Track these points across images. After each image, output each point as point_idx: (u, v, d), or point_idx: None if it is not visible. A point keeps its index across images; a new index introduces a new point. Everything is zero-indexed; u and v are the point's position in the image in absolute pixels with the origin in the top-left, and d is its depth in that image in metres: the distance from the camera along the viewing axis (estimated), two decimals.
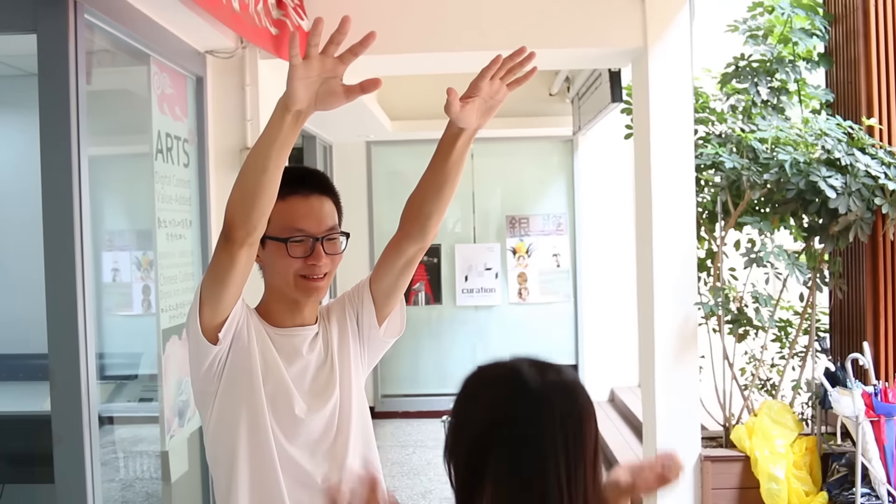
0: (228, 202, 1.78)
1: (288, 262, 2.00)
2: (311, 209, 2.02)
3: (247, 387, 1.98)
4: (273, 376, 2.01)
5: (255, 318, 2.05)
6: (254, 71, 4.65)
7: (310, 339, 2.10)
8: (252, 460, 1.98)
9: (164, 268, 3.92)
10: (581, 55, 5.29)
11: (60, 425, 3.07)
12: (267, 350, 2.02)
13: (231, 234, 1.78)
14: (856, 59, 4.97)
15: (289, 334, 2.07)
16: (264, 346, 2.02)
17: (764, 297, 4.89)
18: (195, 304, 1.90)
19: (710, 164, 4.92)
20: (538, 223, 9.31)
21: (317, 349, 2.11)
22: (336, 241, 2.06)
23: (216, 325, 1.92)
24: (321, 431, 2.05)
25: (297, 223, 2.00)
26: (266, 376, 2.00)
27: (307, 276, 2.01)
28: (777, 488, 4.67)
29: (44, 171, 3.08)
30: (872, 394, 4.51)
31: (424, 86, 8.82)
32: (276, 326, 2.07)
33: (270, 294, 2.10)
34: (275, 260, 2.01)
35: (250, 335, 2.00)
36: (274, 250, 2.01)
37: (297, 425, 2.02)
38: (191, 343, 1.96)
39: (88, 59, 3.27)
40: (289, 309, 2.08)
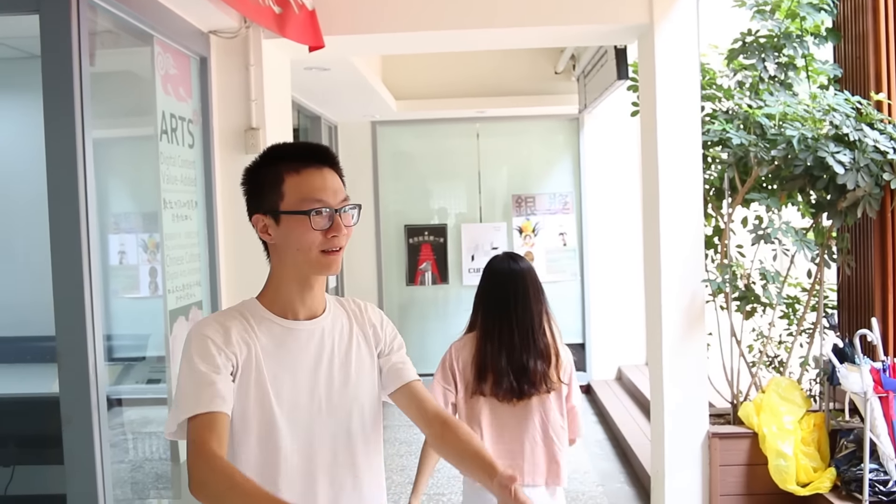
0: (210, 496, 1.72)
1: (311, 237, 1.93)
2: (326, 181, 1.95)
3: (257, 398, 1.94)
4: (284, 386, 1.97)
5: (256, 328, 1.98)
6: (258, 51, 4.63)
7: (318, 333, 2.04)
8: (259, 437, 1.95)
9: (171, 249, 3.92)
10: (587, 32, 5.25)
11: (69, 407, 3.08)
12: (272, 360, 1.96)
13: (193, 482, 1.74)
14: (864, 33, 4.93)
15: (297, 328, 2.01)
16: (269, 359, 1.96)
17: (772, 273, 4.88)
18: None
19: (717, 141, 4.89)
20: (544, 202, 9.29)
21: (327, 344, 2.05)
22: (349, 214, 1.99)
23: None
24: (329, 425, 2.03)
25: (316, 194, 1.93)
26: (277, 388, 1.96)
27: (326, 251, 1.95)
28: (785, 464, 4.67)
29: (48, 154, 3.07)
30: (881, 370, 4.51)
31: (430, 65, 8.83)
32: (285, 318, 2.01)
33: (282, 278, 2.02)
34: (295, 235, 1.94)
35: (251, 366, 1.94)
36: (294, 225, 1.93)
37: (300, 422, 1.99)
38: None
39: (91, 40, 3.26)
40: (300, 293, 2.01)
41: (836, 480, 4.62)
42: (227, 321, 1.96)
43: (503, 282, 3.20)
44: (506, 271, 3.22)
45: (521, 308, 3.15)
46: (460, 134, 9.42)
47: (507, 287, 3.19)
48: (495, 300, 3.20)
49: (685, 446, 4.95)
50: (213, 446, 1.76)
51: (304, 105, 7.72)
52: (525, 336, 3.14)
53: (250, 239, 2.04)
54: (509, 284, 3.19)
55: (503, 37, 5.24)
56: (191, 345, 1.91)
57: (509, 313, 3.15)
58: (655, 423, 5.19)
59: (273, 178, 1.96)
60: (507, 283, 3.19)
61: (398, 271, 9.44)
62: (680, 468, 4.96)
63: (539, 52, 8.89)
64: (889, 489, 4.40)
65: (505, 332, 3.14)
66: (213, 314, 2.03)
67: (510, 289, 3.18)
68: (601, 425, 7.86)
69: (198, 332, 1.92)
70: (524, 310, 3.15)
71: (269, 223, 1.97)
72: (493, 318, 3.18)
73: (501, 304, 3.17)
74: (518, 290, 3.17)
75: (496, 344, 3.13)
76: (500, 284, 3.20)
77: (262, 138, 4.60)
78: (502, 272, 3.23)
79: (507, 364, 3.11)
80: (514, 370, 3.11)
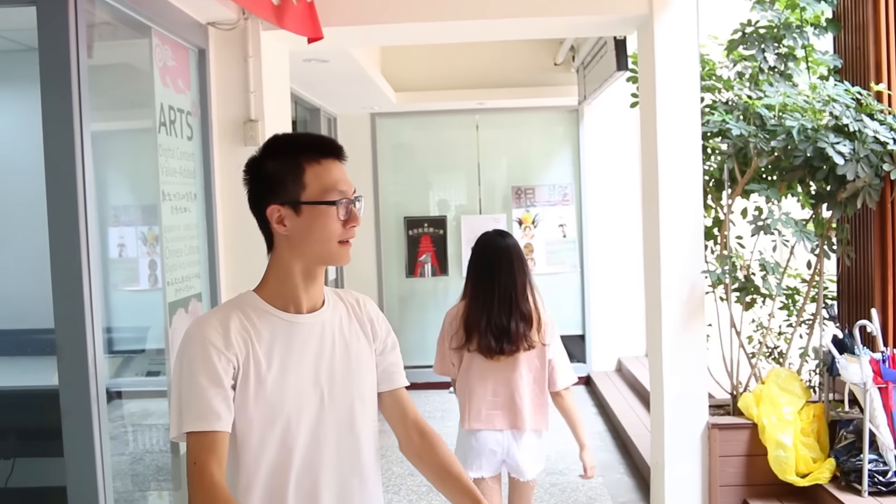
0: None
1: (333, 227, 1.93)
2: (343, 172, 1.98)
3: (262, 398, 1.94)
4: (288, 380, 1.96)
5: (257, 322, 1.96)
6: (256, 42, 4.62)
7: (319, 327, 2.03)
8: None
9: (170, 241, 3.92)
10: (586, 23, 5.24)
11: (68, 399, 3.08)
12: (275, 355, 1.95)
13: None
14: (864, 24, 4.92)
15: (299, 321, 2.00)
16: (272, 355, 1.94)
17: (771, 264, 4.87)
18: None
19: (716, 132, 4.88)
20: (544, 194, 9.29)
21: (328, 337, 2.04)
22: (361, 203, 2.02)
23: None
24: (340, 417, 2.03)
25: (339, 185, 1.94)
26: (281, 384, 1.94)
27: (343, 241, 1.97)
28: (784, 455, 4.68)
29: (46, 147, 3.07)
30: (880, 360, 4.51)
31: (429, 57, 8.81)
32: (287, 311, 1.99)
33: (289, 270, 1.99)
34: (318, 225, 1.93)
35: (252, 365, 1.92)
36: (316, 215, 1.93)
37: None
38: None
39: (89, 32, 3.25)
40: (304, 285, 2.00)
41: (836, 471, 4.63)
42: (226, 319, 1.93)
43: (489, 254, 3.69)
44: (492, 245, 3.71)
45: (504, 277, 3.63)
46: (460, 126, 9.41)
47: (493, 259, 3.67)
48: (482, 270, 3.69)
49: (685, 437, 4.95)
50: (213, 471, 1.79)
51: (303, 97, 7.71)
52: (506, 301, 3.61)
53: (249, 231, 2.02)
54: (494, 256, 3.67)
55: (502, 28, 5.23)
56: (192, 347, 1.89)
57: (493, 281, 3.63)
58: (655, 415, 5.19)
59: (293, 168, 1.94)
60: (493, 255, 3.68)
61: (398, 263, 9.44)
62: (679, 459, 4.96)
63: (538, 44, 8.87)
64: (888, 479, 4.41)
65: (488, 298, 3.62)
66: (211, 311, 2.00)
67: (495, 260, 3.67)
68: (601, 416, 7.88)
69: (198, 335, 1.90)
70: (507, 278, 3.63)
71: (286, 214, 1.94)
72: (478, 286, 3.68)
73: (487, 273, 3.66)
74: (503, 261, 3.65)
75: (480, 307, 3.64)
76: (487, 256, 3.70)
77: (260, 130, 4.60)
78: (489, 245, 3.72)
79: (486, 325, 3.60)
80: (494, 330, 3.60)
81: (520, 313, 3.61)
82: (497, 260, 3.66)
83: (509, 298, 3.62)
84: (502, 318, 3.60)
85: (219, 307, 2.02)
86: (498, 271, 3.64)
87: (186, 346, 1.90)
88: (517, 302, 3.62)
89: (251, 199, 2.03)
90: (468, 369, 3.73)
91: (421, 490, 5.98)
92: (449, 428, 7.51)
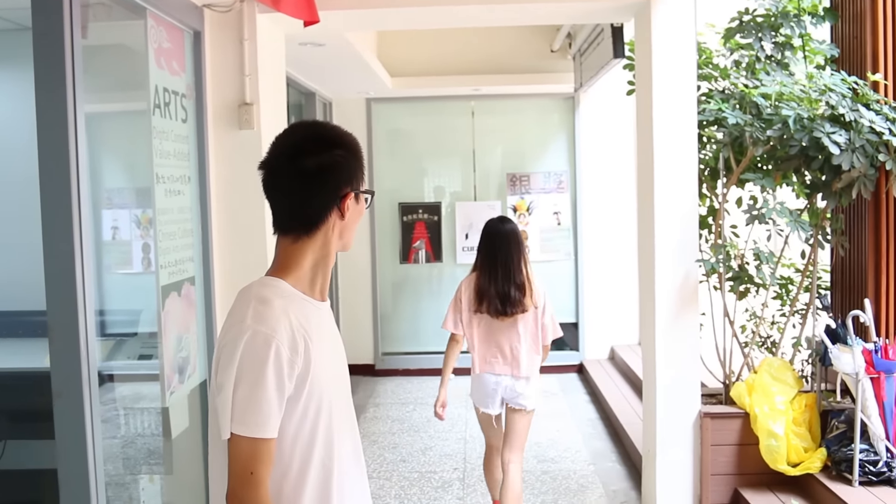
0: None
1: (359, 219, 2.07)
2: None
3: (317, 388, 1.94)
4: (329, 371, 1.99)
5: (300, 311, 1.95)
6: (252, 25, 4.59)
7: (328, 312, 2.09)
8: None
9: (163, 224, 3.90)
10: (583, 9, 5.23)
11: (59, 381, 3.07)
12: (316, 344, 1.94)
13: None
14: (861, 13, 4.91)
15: (322, 308, 2.05)
16: (315, 344, 1.93)
17: (765, 254, 4.87)
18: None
19: (712, 121, 4.88)
20: (539, 181, 9.28)
21: (334, 324, 2.13)
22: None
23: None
24: None
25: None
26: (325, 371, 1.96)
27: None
28: (776, 444, 4.69)
29: (40, 128, 3.05)
30: (873, 351, 4.52)
31: (425, 42, 8.78)
32: (314, 298, 2.02)
33: (324, 257, 2.02)
34: (356, 214, 2.05)
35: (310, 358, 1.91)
36: (361, 205, 2.06)
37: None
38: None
39: (83, 13, 3.23)
40: (327, 273, 2.07)
41: (827, 461, 4.65)
42: (287, 315, 1.89)
43: (494, 236, 4.65)
44: (496, 229, 4.67)
45: (505, 254, 4.57)
46: (455, 112, 9.39)
47: (495, 239, 4.63)
48: (488, 248, 4.64)
49: (677, 426, 4.96)
50: (264, 480, 1.83)
51: (299, 81, 7.68)
52: (507, 273, 4.55)
53: (243, 214, 2.02)
54: (497, 238, 4.63)
55: (498, 13, 5.20)
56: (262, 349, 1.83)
57: (496, 257, 4.58)
58: (647, 403, 5.20)
59: (361, 160, 2.05)
60: (496, 237, 4.63)
61: (392, 249, 9.43)
62: (671, 447, 4.97)
63: (535, 30, 8.84)
64: (879, 469, 4.43)
65: (493, 270, 4.57)
66: (263, 304, 1.91)
67: (497, 241, 4.62)
68: (593, 404, 7.89)
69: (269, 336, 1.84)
70: (507, 255, 4.57)
71: (352, 201, 2.01)
72: (485, 260, 4.63)
73: (491, 251, 4.62)
74: (504, 241, 4.60)
75: (487, 278, 4.58)
76: (491, 237, 4.65)
77: (255, 114, 4.58)
78: (494, 229, 4.67)
79: (494, 291, 4.54)
80: (500, 295, 4.54)
81: (516, 283, 4.53)
82: (499, 240, 4.61)
83: (508, 270, 4.54)
84: (504, 286, 4.53)
85: (268, 299, 1.92)
86: (499, 249, 4.59)
87: (255, 345, 1.83)
88: (514, 273, 4.55)
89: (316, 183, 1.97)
90: (478, 327, 4.67)
91: (412, 477, 5.99)
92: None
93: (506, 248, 4.57)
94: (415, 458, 6.38)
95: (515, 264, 4.56)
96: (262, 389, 1.81)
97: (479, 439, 6.77)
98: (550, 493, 5.59)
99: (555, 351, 9.31)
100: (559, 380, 8.85)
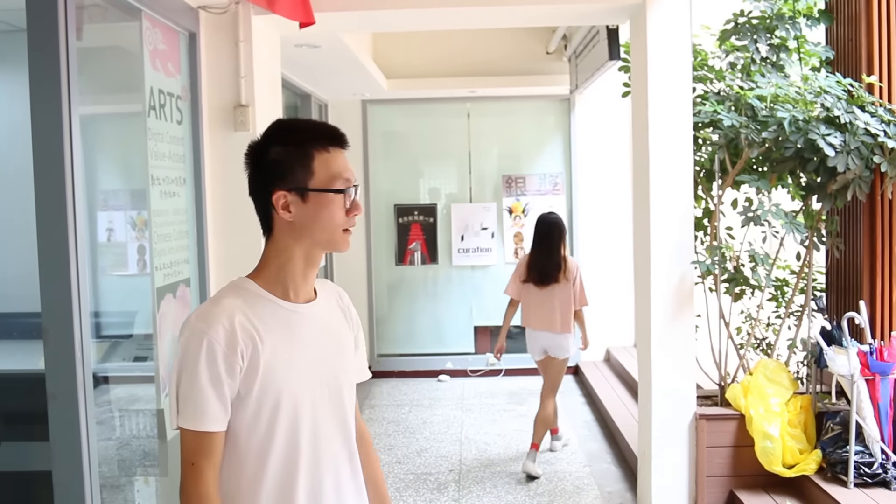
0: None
1: (339, 214, 1.94)
2: (347, 161, 1.98)
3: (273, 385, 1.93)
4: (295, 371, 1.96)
5: (261, 312, 1.94)
6: (247, 27, 4.59)
7: (315, 316, 2.03)
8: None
9: (158, 226, 3.89)
10: (578, 11, 5.23)
11: (54, 383, 3.06)
12: (280, 346, 1.93)
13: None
14: (856, 15, 4.92)
15: (298, 311, 1.99)
16: (277, 346, 1.93)
17: (761, 256, 4.88)
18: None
19: (708, 123, 4.88)
20: (534, 183, 9.28)
21: (322, 328, 2.05)
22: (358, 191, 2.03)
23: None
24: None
25: (345, 172, 1.95)
26: (287, 375, 1.94)
27: (346, 229, 1.97)
28: (771, 446, 4.69)
29: (34, 130, 3.05)
30: (868, 352, 4.53)
31: (421, 44, 8.79)
32: (286, 299, 1.98)
33: (290, 257, 1.98)
34: (325, 213, 1.93)
35: (260, 359, 1.90)
36: (323, 203, 1.92)
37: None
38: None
39: (79, 14, 3.23)
40: (303, 273, 1.99)
41: (822, 462, 4.65)
42: (231, 315, 1.89)
43: (542, 224, 6.14)
44: (544, 219, 6.15)
45: (548, 239, 6.05)
46: (451, 114, 9.39)
47: (543, 227, 6.12)
48: (538, 234, 6.13)
49: (672, 427, 4.96)
50: (208, 479, 1.86)
51: (295, 83, 7.68)
52: (549, 253, 6.03)
53: (239, 216, 2.01)
54: (544, 227, 6.11)
55: (494, 15, 5.21)
56: (196, 344, 1.85)
57: (542, 241, 6.08)
58: (643, 405, 5.20)
59: (302, 155, 1.92)
60: (543, 225, 6.13)
61: (387, 251, 9.43)
62: (667, 449, 4.98)
63: (530, 32, 8.85)
64: (874, 471, 4.43)
65: (541, 251, 6.07)
66: (214, 303, 1.93)
67: (544, 229, 6.10)
68: (589, 406, 7.89)
69: (203, 332, 1.86)
70: (549, 240, 6.05)
71: (293, 200, 1.92)
72: (536, 244, 6.13)
73: (539, 237, 6.12)
74: (548, 230, 6.08)
75: (535, 257, 6.09)
76: (540, 226, 6.14)
77: (251, 115, 4.58)
78: (543, 220, 6.15)
79: (538, 267, 6.05)
80: (541, 270, 6.04)
81: (553, 262, 6.00)
82: (545, 229, 6.09)
83: (549, 252, 6.03)
84: (545, 263, 6.02)
85: (221, 298, 1.95)
86: (545, 235, 6.07)
87: (191, 341, 1.86)
88: (553, 254, 6.02)
89: (252, 184, 1.98)
90: (527, 293, 6.13)
91: (408, 479, 5.99)
92: (436, 416, 7.53)
93: (548, 234, 6.04)
94: (410, 460, 6.38)
95: (555, 248, 6.02)
96: (196, 383, 1.84)
97: (475, 442, 6.77)
98: (546, 495, 5.59)
99: None
100: None
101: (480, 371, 9.17)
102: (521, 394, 8.37)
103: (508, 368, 9.09)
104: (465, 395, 8.38)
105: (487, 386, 8.76)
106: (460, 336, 9.42)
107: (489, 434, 7.02)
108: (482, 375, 9.14)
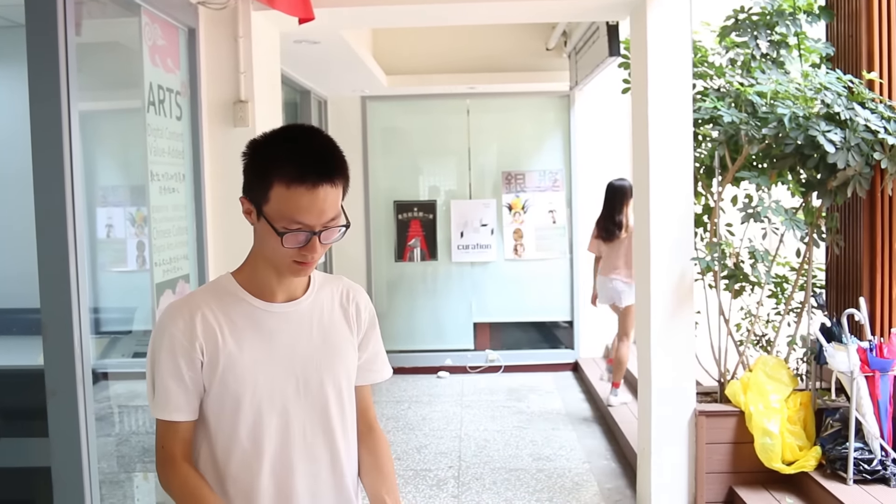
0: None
1: (281, 251, 1.86)
2: (315, 202, 1.82)
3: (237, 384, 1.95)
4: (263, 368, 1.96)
5: (230, 309, 1.96)
6: (247, 22, 4.59)
7: (296, 315, 2.01)
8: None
9: (158, 222, 3.89)
10: (578, 7, 5.23)
11: (53, 379, 3.06)
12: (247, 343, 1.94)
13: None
14: (857, 11, 4.91)
15: (272, 310, 1.98)
16: (244, 343, 1.94)
17: (761, 252, 4.88)
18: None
19: (708, 119, 4.88)
20: (534, 179, 9.28)
21: (304, 326, 2.02)
22: (334, 230, 1.89)
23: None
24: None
25: (298, 216, 1.82)
26: (253, 372, 1.94)
27: (298, 261, 1.89)
28: (771, 443, 4.69)
29: (33, 126, 3.04)
30: (868, 349, 4.52)
31: (421, 40, 8.78)
32: (262, 299, 1.98)
33: (260, 261, 1.98)
34: (268, 240, 1.88)
35: (222, 354, 1.93)
36: (269, 232, 1.85)
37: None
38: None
39: (78, 10, 3.22)
40: (277, 279, 1.98)
41: (822, 459, 4.65)
42: (195, 311, 1.93)
43: (610, 189, 7.29)
44: (613, 185, 7.29)
45: (612, 201, 7.26)
46: (451, 110, 9.38)
47: (610, 192, 7.29)
48: (606, 197, 7.30)
49: (672, 424, 4.96)
50: (176, 453, 1.94)
51: (294, 79, 7.67)
52: (615, 213, 7.21)
53: (238, 212, 2.00)
54: (611, 191, 7.28)
55: (494, 11, 5.20)
56: (159, 338, 1.95)
57: (608, 204, 7.29)
58: (642, 401, 5.20)
59: (263, 178, 1.84)
60: (611, 190, 7.29)
61: (387, 247, 9.42)
62: (666, 446, 4.98)
63: (530, 28, 8.84)
64: (873, 467, 4.43)
65: (608, 213, 7.28)
66: (183, 298, 2.00)
67: (611, 193, 7.27)
68: (588, 402, 7.89)
69: (166, 326, 1.94)
70: (613, 202, 7.25)
71: (252, 210, 1.90)
72: (605, 206, 7.32)
73: (608, 200, 7.29)
74: (614, 194, 7.25)
75: (604, 217, 7.32)
76: (609, 191, 7.29)
77: (250, 111, 4.57)
78: (611, 185, 7.29)
79: (604, 225, 7.30)
80: (606, 227, 7.27)
81: (615, 221, 7.20)
82: (612, 193, 7.26)
83: (613, 212, 7.23)
84: (611, 222, 7.23)
85: (194, 293, 2.02)
86: (611, 198, 7.27)
87: (156, 334, 1.96)
88: (615, 214, 7.21)
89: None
90: (599, 247, 7.38)
91: (407, 475, 5.99)
92: (436, 412, 7.53)
93: (612, 199, 7.23)
94: (409, 457, 6.38)
95: (618, 209, 7.17)
96: (159, 374, 1.94)
97: (474, 438, 6.78)
98: (545, 492, 5.59)
99: (550, 349, 9.41)
100: (554, 378, 8.86)
101: (480, 367, 9.18)
102: (520, 390, 8.37)
103: (508, 365, 9.10)
104: (464, 392, 8.39)
105: (487, 382, 8.77)
106: (460, 332, 9.41)
107: (488, 430, 7.03)
108: (481, 372, 9.14)
